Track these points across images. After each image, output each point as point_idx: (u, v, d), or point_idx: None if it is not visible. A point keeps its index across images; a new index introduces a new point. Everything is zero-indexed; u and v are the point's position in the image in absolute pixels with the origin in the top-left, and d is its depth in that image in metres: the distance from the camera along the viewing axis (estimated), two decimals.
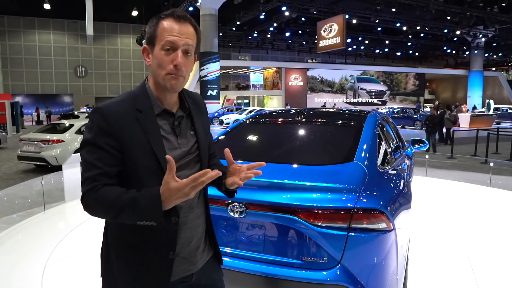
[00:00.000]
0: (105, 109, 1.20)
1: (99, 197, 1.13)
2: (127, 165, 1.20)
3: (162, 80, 1.22)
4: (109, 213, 1.14)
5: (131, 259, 1.25)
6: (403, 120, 22.43)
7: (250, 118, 3.14)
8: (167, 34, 1.20)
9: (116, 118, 1.19)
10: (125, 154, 1.19)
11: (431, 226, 4.43)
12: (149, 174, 1.20)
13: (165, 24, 1.21)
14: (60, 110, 33.90)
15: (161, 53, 1.20)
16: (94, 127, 1.18)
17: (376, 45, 42.17)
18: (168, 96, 1.28)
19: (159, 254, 1.24)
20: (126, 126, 1.19)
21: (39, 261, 3.49)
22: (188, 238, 1.32)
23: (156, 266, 1.24)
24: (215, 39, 24.50)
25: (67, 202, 5.63)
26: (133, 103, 1.24)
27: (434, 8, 24.97)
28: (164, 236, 1.23)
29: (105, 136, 1.17)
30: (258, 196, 1.95)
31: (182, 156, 1.29)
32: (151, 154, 1.20)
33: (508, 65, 50.72)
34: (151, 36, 1.23)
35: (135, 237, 1.23)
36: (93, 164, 1.16)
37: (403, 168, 2.89)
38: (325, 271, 1.85)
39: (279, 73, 35.49)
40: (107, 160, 1.16)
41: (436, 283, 3.06)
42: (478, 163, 9.80)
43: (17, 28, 35.25)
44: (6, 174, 8.67)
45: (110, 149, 1.17)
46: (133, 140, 1.19)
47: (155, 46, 1.22)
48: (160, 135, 1.24)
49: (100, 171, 1.15)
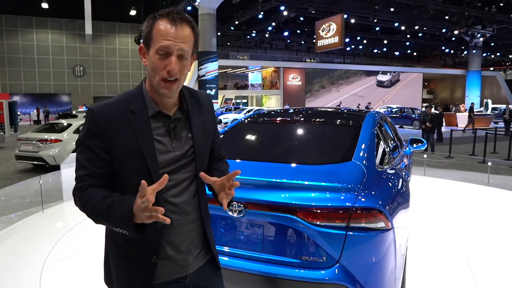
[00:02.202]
0: (96, 111, 1.21)
1: (83, 197, 1.18)
2: (115, 166, 1.21)
3: (156, 85, 1.20)
4: (89, 214, 1.18)
5: (120, 258, 1.29)
6: (402, 119, 22.47)
7: (248, 118, 3.14)
8: (162, 38, 1.16)
9: (106, 120, 1.19)
10: (114, 156, 1.19)
11: (430, 225, 4.44)
12: (138, 177, 1.16)
13: (161, 26, 1.17)
14: (58, 110, 33.83)
15: (155, 57, 1.17)
16: (85, 128, 1.21)
17: (374, 44, 42.20)
18: (161, 98, 1.25)
19: (142, 257, 1.25)
20: (116, 128, 1.19)
21: (37, 260, 3.49)
22: (178, 242, 1.30)
23: (139, 269, 1.26)
24: (213, 38, 24.46)
25: (65, 201, 5.62)
26: (127, 104, 1.23)
27: (432, 8, 24.99)
28: (148, 240, 1.23)
29: (94, 138, 1.19)
30: (256, 195, 1.95)
31: (175, 159, 1.26)
32: (140, 156, 1.19)
33: (506, 65, 50.81)
34: (146, 36, 1.20)
35: (122, 238, 1.25)
36: (82, 164, 1.20)
37: (401, 168, 2.90)
38: (324, 270, 1.85)
39: (277, 73, 35.47)
40: (94, 161, 1.19)
41: (435, 282, 3.06)
42: (476, 162, 9.83)
43: (14, 27, 35.14)
44: (4, 173, 8.65)
45: (98, 151, 1.19)
46: (123, 142, 1.19)
47: (150, 48, 1.19)
48: (152, 137, 1.22)
49: (87, 172, 1.19)
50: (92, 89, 38.23)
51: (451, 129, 12.97)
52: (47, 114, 29.12)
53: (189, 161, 1.30)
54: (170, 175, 1.21)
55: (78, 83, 37.75)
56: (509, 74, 51.57)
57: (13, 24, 35.00)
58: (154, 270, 1.25)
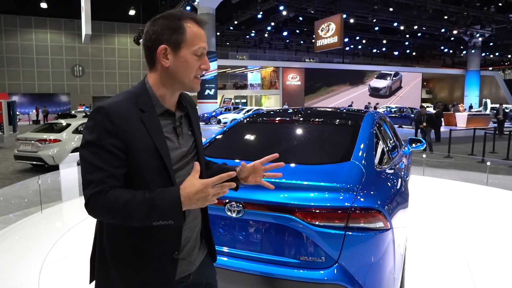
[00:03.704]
0: (110, 109, 1.15)
1: (108, 200, 1.09)
2: (131, 166, 1.17)
3: (189, 82, 1.26)
4: (120, 215, 1.10)
5: (133, 262, 1.22)
6: (401, 119, 22.48)
7: (247, 118, 3.14)
8: (200, 41, 1.24)
9: (121, 118, 1.15)
10: (130, 155, 1.16)
11: (429, 225, 4.44)
12: (154, 175, 1.19)
13: (195, 28, 1.24)
14: (57, 110, 33.80)
15: (193, 57, 1.24)
16: (98, 128, 1.13)
17: (373, 44, 42.27)
18: (170, 96, 1.28)
19: (164, 254, 1.23)
20: (131, 127, 1.16)
21: (36, 261, 3.48)
22: (187, 238, 1.31)
23: (161, 267, 1.23)
24: (212, 38, 24.50)
25: (64, 201, 5.62)
26: (135, 103, 1.21)
27: (431, 8, 25.05)
28: (169, 236, 1.23)
29: (110, 137, 1.13)
30: (255, 195, 1.95)
31: (182, 155, 1.29)
32: (156, 154, 1.19)
33: (504, 65, 50.89)
34: (177, 38, 1.21)
35: (139, 238, 1.21)
36: (98, 166, 1.11)
37: (400, 167, 2.90)
38: (323, 270, 1.85)
39: (276, 73, 35.49)
40: (113, 162, 1.13)
41: (434, 282, 3.07)
42: (475, 162, 9.84)
43: (13, 27, 35.08)
44: (3, 173, 8.63)
45: (115, 151, 1.13)
46: (139, 141, 1.17)
47: (183, 49, 1.22)
48: (163, 135, 1.23)
49: (107, 173, 1.12)
50: (91, 89, 38.18)
51: (450, 129, 12.96)
52: (46, 114, 29.10)
53: (192, 157, 1.34)
54: (179, 171, 1.25)
55: (77, 83, 37.70)
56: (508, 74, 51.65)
57: (12, 24, 34.94)
58: (176, 266, 1.25)
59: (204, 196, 1.09)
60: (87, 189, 1.11)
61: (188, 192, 1.08)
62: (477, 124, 18.94)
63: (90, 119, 1.17)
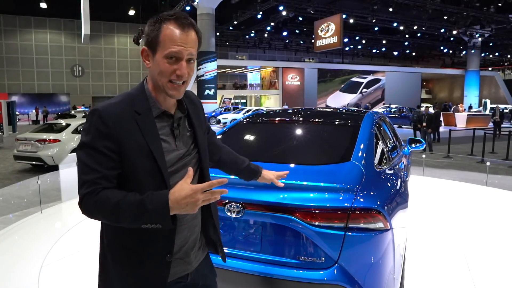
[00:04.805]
0: (104, 111, 1.17)
1: (99, 200, 1.11)
2: (125, 168, 1.18)
3: (163, 87, 1.21)
4: (110, 216, 1.12)
5: (128, 262, 1.24)
6: (400, 119, 22.48)
7: (247, 118, 3.14)
8: (172, 44, 1.17)
9: (114, 121, 1.16)
10: (124, 157, 1.17)
11: (428, 225, 4.44)
12: (148, 177, 1.19)
13: (169, 31, 1.17)
14: (57, 110, 33.78)
15: (164, 61, 1.18)
16: (92, 130, 1.16)
17: (373, 44, 42.27)
18: (164, 98, 1.27)
19: (156, 256, 1.24)
20: (125, 129, 1.17)
21: (35, 261, 3.48)
22: (185, 239, 1.32)
23: (153, 269, 1.23)
24: (212, 38, 24.46)
25: (64, 202, 5.61)
26: (131, 105, 1.22)
27: (431, 8, 25.04)
28: (161, 238, 1.23)
29: (103, 139, 1.15)
30: (255, 195, 1.95)
31: (179, 157, 1.28)
32: (150, 157, 1.19)
33: (504, 65, 50.90)
34: (152, 40, 1.19)
35: (132, 239, 1.23)
36: (91, 168, 1.14)
37: (400, 168, 2.90)
38: (322, 271, 1.85)
39: (276, 73, 35.49)
40: (106, 163, 1.15)
41: (433, 282, 3.07)
42: (474, 162, 9.84)
43: (13, 27, 35.05)
44: (2, 174, 8.63)
45: (108, 152, 1.15)
46: (132, 143, 1.17)
47: (157, 52, 1.19)
48: (159, 137, 1.22)
49: (100, 175, 1.13)
50: (91, 89, 38.16)
51: (450, 129, 12.96)
52: (46, 114, 29.08)
53: (191, 159, 1.33)
54: (176, 173, 1.25)
55: (77, 83, 37.66)
56: (508, 74, 51.66)
57: (11, 24, 34.91)
58: (168, 268, 1.25)
59: (193, 201, 1.07)
60: (81, 189, 1.14)
61: (177, 197, 1.07)
62: (477, 124, 18.95)
63: (86, 121, 1.20)
